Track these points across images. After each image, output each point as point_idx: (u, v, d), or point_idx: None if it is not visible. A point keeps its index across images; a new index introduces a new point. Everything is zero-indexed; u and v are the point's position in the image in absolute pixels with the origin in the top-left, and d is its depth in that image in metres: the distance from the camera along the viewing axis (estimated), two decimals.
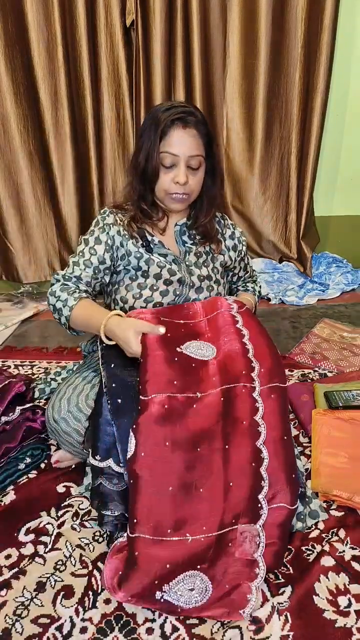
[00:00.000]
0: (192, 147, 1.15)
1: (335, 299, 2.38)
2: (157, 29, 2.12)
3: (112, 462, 1.00)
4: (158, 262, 1.23)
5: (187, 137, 1.14)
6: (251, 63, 2.26)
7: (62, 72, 2.21)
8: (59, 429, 1.14)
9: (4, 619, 0.89)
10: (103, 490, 1.00)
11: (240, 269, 1.43)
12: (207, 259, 1.30)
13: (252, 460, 0.97)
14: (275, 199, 2.52)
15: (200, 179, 1.21)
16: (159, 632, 0.86)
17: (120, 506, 0.99)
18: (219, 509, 0.93)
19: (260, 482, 0.96)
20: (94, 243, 1.22)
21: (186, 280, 1.24)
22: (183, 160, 1.15)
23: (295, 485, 0.98)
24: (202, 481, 0.95)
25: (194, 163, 1.16)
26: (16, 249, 2.51)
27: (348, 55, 2.32)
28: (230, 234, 1.36)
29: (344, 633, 0.84)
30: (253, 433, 0.99)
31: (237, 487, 0.94)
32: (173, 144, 1.14)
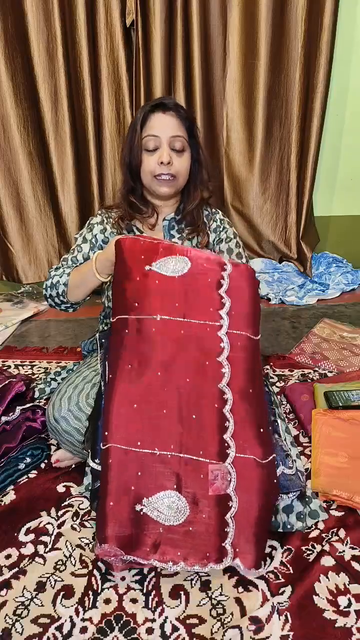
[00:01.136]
0: (173, 128, 1.21)
1: (335, 299, 2.38)
2: (157, 29, 2.12)
3: None
4: None
5: (167, 118, 1.21)
6: (251, 63, 2.26)
7: (62, 72, 2.21)
8: (60, 428, 1.14)
9: (4, 619, 0.89)
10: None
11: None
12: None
13: (214, 401, 0.99)
14: (275, 199, 2.52)
15: (185, 162, 1.25)
16: (159, 632, 0.86)
17: None
18: (182, 432, 0.96)
19: (224, 423, 0.97)
20: (81, 242, 1.32)
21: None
22: (165, 140, 1.21)
23: (265, 438, 0.99)
24: (165, 404, 0.97)
25: (177, 145, 1.21)
26: (16, 249, 2.51)
27: (348, 55, 2.32)
28: (215, 227, 1.36)
29: (344, 633, 0.84)
30: (216, 375, 1.00)
31: (200, 421, 0.97)
32: (154, 126, 1.21)
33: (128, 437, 0.95)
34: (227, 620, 0.88)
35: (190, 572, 0.97)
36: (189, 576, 0.96)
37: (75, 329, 2.12)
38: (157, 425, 0.97)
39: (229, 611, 0.89)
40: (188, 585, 0.94)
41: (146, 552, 0.89)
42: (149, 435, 0.95)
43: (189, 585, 0.94)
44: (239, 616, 0.88)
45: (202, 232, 1.32)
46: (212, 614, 0.89)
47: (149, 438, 0.95)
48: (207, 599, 0.92)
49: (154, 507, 0.91)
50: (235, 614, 0.89)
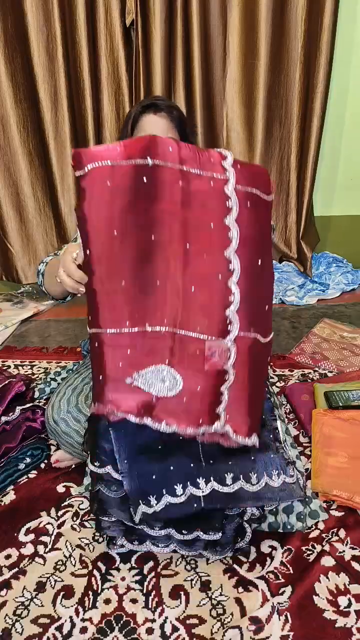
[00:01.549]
0: (164, 130, 1.18)
1: (336, 298, 2.38)
2: (157, 29, 2.12)
3: (111, 469, 0.98)
4: None
5: (159, 120, 1.18)
6: (251, 63, 2.26)
7: (62, 72, 2.21)
8: (59, 430, 1.14)
9: (4, 619, 0.89)
10: (101, 497, 0.99)
11: None
12: None
13: (218, 270, 0.85)
14: (275, 199, 2.52)
15: None
16: (159, 632, 0.86)
17: (119, 513, 0.98)
18: (178, 309, 0.86)
19: (228, 297, 0.85)
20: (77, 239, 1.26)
21: None
22: None
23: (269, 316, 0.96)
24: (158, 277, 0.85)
25: None
26: (16, 250, 2.51)
27: (348, 55, 2.31)
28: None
29: (344, 633, 0.84)
30: (221, 239, 0.84)
31: (199, 293, 0.85)
32: (145, 128, 1.18)
33: (115, 317, 0.85)
34: (227, 620, 0.88)
35: (190, 573, 0.97)
36: (189, 576, 0.96)
37: (75, 329, 2.12)
38: (148, 300, 0.85)
39: (229, 611, 0.89)
40: (188, 585, 0.94)
41: (140, 414, 0.89)
42: (140, 311, 0.86)
43: (189, 586, 0.94)
44: (239, 616, 0.88)
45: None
46: (212, 614, 0.89)
47: (139, 314, 0.85)
48: (207, 599, 0.92)
49: (145, 380, 0.88)
50: (235, 614, 0.89)
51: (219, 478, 0.94)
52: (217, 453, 0.96)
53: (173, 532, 0.96)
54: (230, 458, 0.96)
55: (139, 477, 0.95)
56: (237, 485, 0.94)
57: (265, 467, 0.97)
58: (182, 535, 0.96)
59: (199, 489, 0.93)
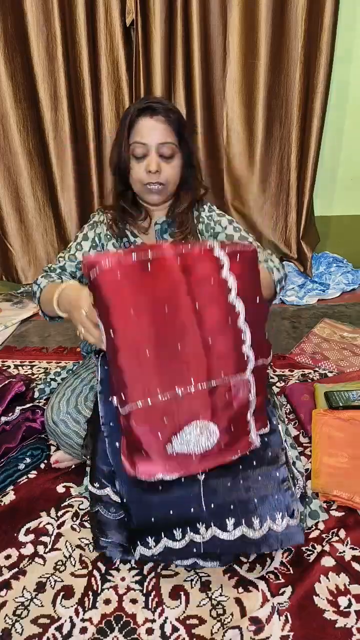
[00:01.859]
0: (161, 135, 1.14)
1: (336, 298, 2.38)
2: (157, 29, 2.12)
3: (111, 491, 0.97)
4: None
5: (155, 124, 1.13)
6: (251, 63, 2.26)
7: (62, 72, 2.21)
8: (58, 431, 1.14)
9: (4, 619, 0.89)
10: (100, 518, 0.98)
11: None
12: None
13: (227, 315, 0.91)
14: (275, 199, 2.52)
15: (176, 169, 1.19)
16: (159, 632, 0.86)
17: (117, 535, 0.97)
18: (203, 362, 0.89)
19: (240, 336, 0.91)
20: (82, 239, 1.27)
21: None
22: (153, 148, 1.14)
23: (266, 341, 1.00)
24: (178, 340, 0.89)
25: (166, 151, 1.15)
26: (16, 250, 2.51)
27: (348, 55, 2.31)
28: (206, 225, 1.29)
29: (344, 633, 0.84)
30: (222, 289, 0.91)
31: (217, 342, 0.90)
32: (142, 133, 1.14)
33: (146, 388, 0.87)
34: (227, 620, 0.88)
35: (190, 573, 0.97)
36: (189, 576, 0.96)
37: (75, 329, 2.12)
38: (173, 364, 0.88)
39: (229, 611, 0.89)
40: (188, 585, 0.94)
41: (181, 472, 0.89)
42: (168, 376, 0.88)
43: (189, 586, 0.94)
44: (239, 616, 0.88)
45: (192, 235, 1.26)
46: (212, 614, 0.89)
47: (167, 380, 0.87)
48: (207, 600, 0.92)
49: (184, 442, 0.88)
50: (235, 615, 0.89)
51: (219, 523, 0.91)
52: (219, 492, 0.92)
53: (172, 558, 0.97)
54: (233, 500, 0.92)
55: (137, 518, 0.94)
56: (239, 531, 0.91)
57: (270, 509, 0.93)
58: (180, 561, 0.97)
59: (199, 535, 0.91)
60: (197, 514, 0.92)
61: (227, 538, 0.90)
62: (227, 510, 0.92)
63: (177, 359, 0.88)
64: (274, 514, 0.92)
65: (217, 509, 0.92)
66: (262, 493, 0.94)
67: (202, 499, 0.93)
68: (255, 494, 0.93)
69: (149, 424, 0.87)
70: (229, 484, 0.93)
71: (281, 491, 0.95)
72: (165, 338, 0.88)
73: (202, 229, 1.29)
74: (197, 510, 0.92)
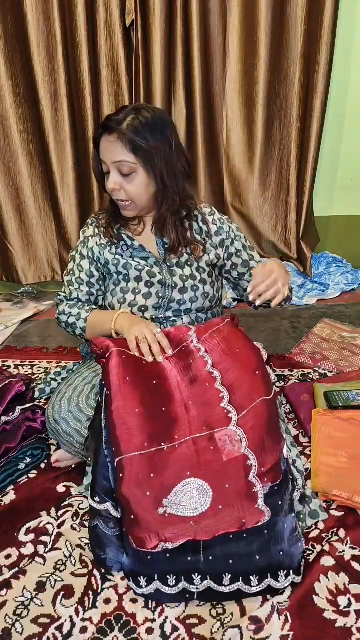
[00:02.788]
0: (114, 154, 1.12)
1: (335, 299, 2.38)
2: (157, 29, 2.12)
3: (110, 506, 0.96)
4: (136, 266, 1.23)
5: (108, 143, 1.12)
6: (251, 63, 2.26)
7: (62, 72, 2.21)
8: (60, 429, 1.14)
9: (4, 619, 0.89)
10: (99, 532, 0.97)
11: (237, 266, 1.33)
12: (190, 258, 1.27)
13: (205, 381, 1.04)
14: (275, 199, 2.52)
15: (139, 187, 1.15)
16: (159, 632, 0.86)
17: (115, 552, 0.96)
18: (185, 421, 0.98)
19: (219, 395, 1.02)
20: (80, 259, 1.28)
21: (167, 281, 1.23)
22: (111, 166, 1.14)
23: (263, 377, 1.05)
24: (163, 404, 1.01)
25: (124, 169, 1.12)
26: (16, 250, 2.51)
27: (348, 55, 2.31)
28: (217, 229, 1.29)
29: (344, 633, 0.84)
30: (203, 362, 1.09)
31: (196, 405, 1.01)
32: (101, 151, 1.15)
33: (133, 443, 0.94)
34: (227, 620, 0.88)
35: None
36: None
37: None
38: (160, 421, 0.98)
39: (229, 611, 0.89)
40: None
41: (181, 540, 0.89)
42: (154, 432, 0.96)
43: None
44: (239, 616, 0.88)
45: (192, 246, 1.25)
46: (212, 614, 0.89)
47: (154, 435, 0.96)
48: None
49: (177, 503, 0.89)
50: (235, 614, 0.89)
51: (215, 577, 0.89)
52: (219, 545, 0.90)
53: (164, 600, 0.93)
54: (232, 553, 0.90)
55: (134, 553, 0.92)
56: (235, 586, 0.89)
57: (273, 566, 0.90)
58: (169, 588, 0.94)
59: (193, 585, 0.89)
60: (194, 564, 0.90)
61: (222, 591, 0.89)
62: (226, 565, 0.90)
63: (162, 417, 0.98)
64: (277, 572, 0.90)
65: (215, 562, 0.90)
66: (266, 547, 0.90)
67: (200, 550, 0.90)
68: (258, 549, 0.90)
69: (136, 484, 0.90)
70: (231, 536, 0.90)
71: (288, 544, 0.92)
72: (152, 401, 1.00)
73: (207, 236, 1.28)
74: (193, 560, 0.90)
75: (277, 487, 0.94)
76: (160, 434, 0.96)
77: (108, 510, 0.96)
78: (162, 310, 1.25)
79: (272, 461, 0.94)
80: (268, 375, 1.09)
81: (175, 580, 0.90)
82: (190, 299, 1.25)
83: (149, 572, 0.91)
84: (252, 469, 0.92)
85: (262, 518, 0.89)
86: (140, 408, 0.98)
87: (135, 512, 0.89)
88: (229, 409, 0.99)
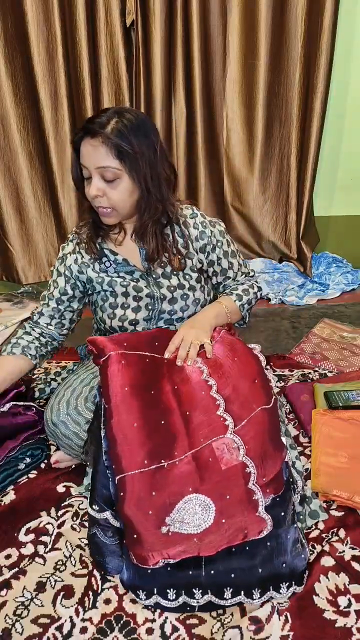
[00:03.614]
0: (97, 158, 1.04)
1: (335, 299, 2.38)
2: (157, 29, 2.12)
3: (110, 515, 0.95)
4: (121, 282, 1.20)
5: (91, 147, 1.04)
6: (251, 63, 2.26)
7: (62, 72, 2.21)
8: (58, 432, 1.14)
9: (4, 619, 0.89)
10: (97, 541, 0.96)
11: (217, 274, 1.29)
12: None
13: (200, 389, 1.04)
14: (275, 199, 2.52)
15: (123, 193, 1.08)
16: (159, 632, 0.86)
17: (113, 561, 0.95)
18: (184, 434, 0.97)
19: (214, 402, 1.01)
20: (56, 276, 1.26)
21: (155, 294, 1.19)
22: (93, 171, 1.06)
23: (262, 386, 1.06)
24: (162, 417, 1.00)
25: (108, 175, 1.05)
26: (16, 250, 2.51)
27: (348, 55, 2.31)
28: (198, 234, 1.22)
29: (344, 633, 0.84)
30: (197, 373, 1.08)
31: (193, 414, 1.00)
32: (82, 155, 1.07)
33: (134, 460, 0.93)
34: (227, 620, 0.88)
35: None
36: None
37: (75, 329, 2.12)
38: (158, 438, 0.96)
39: (229, 611, 0.89)
40: None
41: (186, 556, 0.88)
42: (154, 449, 0.94)
43: None
44: (239, 616, 0.88)
45: (170, 256, 1.19)
46: (212, 614, 0.89)
47: (154, 453, 0.94)
48: None
49: (180, 521, 0.88)
50: (235, 614, 0.89)
51: (216, 591, 0.89)
52: (221, 558, 0.90)
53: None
54: (234, 567, 0.89)
55: (133, 567, 0.91)
56: (236, 600, 0.89)
57: (275, 579, 0.90)
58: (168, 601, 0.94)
59: (194, 599, 0.89)
60: (195, 578, 0.89)
61: (223, 604, 0.89)
62: (227, 578, 0.89)
63: (160, 433, 0.97)
64: (279, 585, 0.90)
65: (216, 576, 0.89)
66: (268, 559, 0.90)
67: (202, 564, 0.90)
68: (260, 561, 0.90)
69: (136, 501, 0.89)
70: (233, 549, 0.89)
71: (291, 556, 0.91)
72: (151, 415, 0.99)
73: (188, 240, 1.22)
74: (194, 574, 0.89)
75: (279, 499, 0.93)
76: (160, 452, 0.94)
77: (107, 519, 0.95)
78: (153, 321, 1.22)
79: (273, 471, 0.94)
80: (268, 383, 1.08)
81: (176, 594, 0.89)
82: (181, 308, 1.21)
83: (149, 586, 0.90)
84: (251, 476, 0.91)
85: (263, 527, 0.88)
86: (140, 421, 0.97)
87: (138, 532, 0.87)
88: (225, 416, 0.98)
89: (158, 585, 0.89)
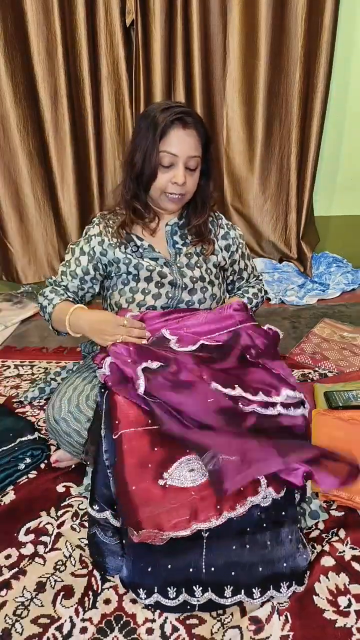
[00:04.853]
0: (191, 148, 1.16)
1: (336, 298, 2.38)
2: (157, 29, 2.12)
3: (110, 514, 0.94)
4: (147, 266, 1.24)
5: (186, 137, 1.15)
6: (251, 63, 2.26)
7: (62, 72, 2.21)
8: (59, 429, 1.14)
9: (4, 619, 0.89)
10: (97, 541, 0.95)
11: (235, 273, 1.39)
12: (200, 259, 1.29)
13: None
14: (275, 198, 2.52)
15: (196, 180, 1.22)
16: (159, 632, 0.86)
17: (114, 561, 0.94)
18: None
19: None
20: (79, 254, 1.28)
21: (178, 282, 1.24)
22: (182, 160, 1.16)
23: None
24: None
25: (192, 164, 1.18)
26: (16, 249, 2.51)
27: (348, 55, 2.32)
28: (224, 233, 1.34)
29: (344, 633, 0.84)
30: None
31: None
32: (173, 143, 1.14)
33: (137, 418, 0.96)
34: (227, 620, 0.88)
35: None
36: None
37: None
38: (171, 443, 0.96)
39: (229, 611, 0.89)
40: None
41: (186, 522, 0.85)
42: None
43: None
44: (239, 616, 0.88)
45: (207, 241, 1.30)
46: (212, 614, 0.89)
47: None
48: None
49: (177, 476, 0.89)
50: (235, 614, 0.89)
51: (217, 589, 0.87)
52: (222, 556, 0.88)
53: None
54: (235, 565, 0.88)
55: (133, 565, 0.90)
56: (237, 598, 0.87)
57: (275, 578, 0.88)
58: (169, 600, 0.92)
59: (194, 597, 0.87)
60: (195, 575, 0.88)
61: (223, 603, 0.88)
62: (227, 576, 0.88)
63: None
64: (279, 584, 0.89)
65: (216, 573, 0.88)
66: (269, 558, 0.89)
67: (202, 561, 0.89)
68: (261, 560, 0.89)
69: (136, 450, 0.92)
70: (233, 547, 0.89)
71: (292, 556, 0.91)
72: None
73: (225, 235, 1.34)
74: (194, 571, 0.88)
75: (280, 499, 0.93)
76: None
77: (107, 519, 0.95)
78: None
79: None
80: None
81: (176, 592, 0.88)
82: (199, 300, 1.26)
83: (149, 584, 0.89)
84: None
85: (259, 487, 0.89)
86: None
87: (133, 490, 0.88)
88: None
89: (158, 584, 0.89)
